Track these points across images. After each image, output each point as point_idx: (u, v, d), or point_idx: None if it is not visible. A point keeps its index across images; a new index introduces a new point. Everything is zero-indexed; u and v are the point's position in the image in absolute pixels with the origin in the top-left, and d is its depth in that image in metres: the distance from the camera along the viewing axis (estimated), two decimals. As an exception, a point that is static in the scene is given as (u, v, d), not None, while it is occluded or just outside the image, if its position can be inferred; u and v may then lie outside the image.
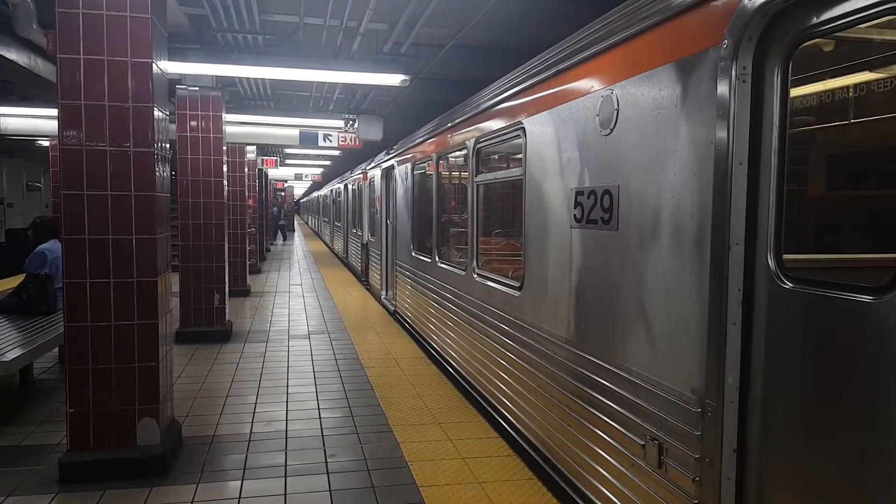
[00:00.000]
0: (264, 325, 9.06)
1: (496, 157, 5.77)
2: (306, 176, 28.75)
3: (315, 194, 42.47)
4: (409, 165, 8.87)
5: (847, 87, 2.27)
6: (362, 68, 6.76)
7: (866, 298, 1.92)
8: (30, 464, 4.16)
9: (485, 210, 5.88)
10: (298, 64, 6.64)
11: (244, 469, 4.12)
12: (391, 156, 10.32)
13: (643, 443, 2.90)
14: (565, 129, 3.77)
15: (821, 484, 2.10)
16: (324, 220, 29.46)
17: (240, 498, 3.73)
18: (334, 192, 22.22)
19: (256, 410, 5.28)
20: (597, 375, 3.36)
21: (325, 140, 12.20)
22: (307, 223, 55.50)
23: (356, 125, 10.32)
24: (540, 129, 4.15)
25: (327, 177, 30.67)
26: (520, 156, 4.50)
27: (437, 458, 4.30)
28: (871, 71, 2.15)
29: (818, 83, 2.34)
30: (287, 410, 5.28)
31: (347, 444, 4.55)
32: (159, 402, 4.02)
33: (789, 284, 2.22)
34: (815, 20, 2.12)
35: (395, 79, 6.80)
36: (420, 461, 4.25)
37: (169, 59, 4.38)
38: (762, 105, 2.33)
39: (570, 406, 3.66)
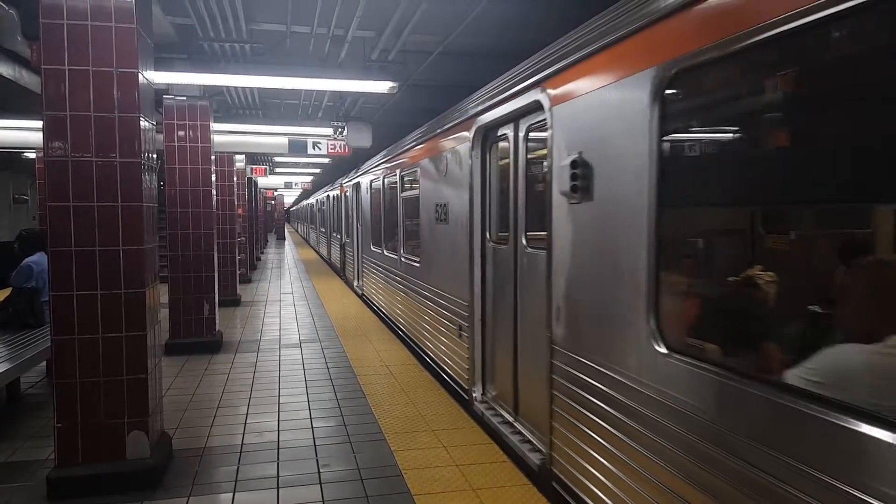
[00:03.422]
0: (255, 335, 9.01)
1: (411, 182, 8.18)
2: (296, 184, 28.68)
3: (304, 203, 45.10)
4: (369, 182, 11.50)
5: (510, 163, 4.78)
6: (350, 76, 6.76)
7: (511, 248, 4.71)
8: (17, 480, 4.11)
9: (406, 215, 8.53)
10: (286, 72, 6.62)
11: (236, 481, 4.08)
12: (359, 174, 12.95)
13: (457, 327, 5.88)
14: (432, 170, 6.74)
15: (493, 331, 5.22)
16: (311, 227, 33.49)
17: (232, 510, 3.69)
18: (319, 201, 26.28)
19: (248, 421, 5.24)
20: (441, 300, 6.46)
21: (314, 148, 12.18)
22: (297, 231, 55.41)
23: (345, 132, 10.32)
24: (425, 169, 7.08)
25: (317, 185, 30.65)
26: (416, 186, 7.57)
27: (431, 466, 4.28)
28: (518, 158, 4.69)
29: (503, 160, 5.00)
30: (279, 420, 5.24)
31: (340, 454, 4.52)
32: (149, 414, 3.98)
33: (492, 243, 5.20)
34: (496, 135, 5.06)
35: (383, 86, 6.80)
36: (414, 469, 4.23)
37: (155, 69, 4.35)
38: (484, 168, 5.33)
39: (433, 317, 6.87)
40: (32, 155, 12.90)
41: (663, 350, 2.72)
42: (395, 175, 8.85)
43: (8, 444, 4.75)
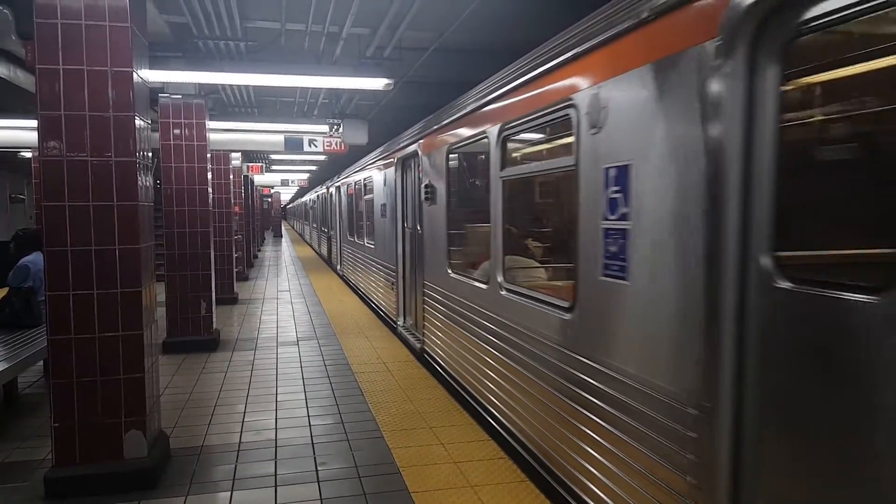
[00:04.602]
0: (252, 333, 9.01)
1: (368, 188, 11.25)
2: (292, 181, 28.59)
3: (300, 200, 46.95)
4: (345, 186, 14.95)
5: (413, 181, 7.88)
6: (345, 73, 6.75)
7: (414, 232, 7.86)
8: (15, 481, 4.11)
9: (367, 212, 11.60)
10: (281, 70, 6.60)
11: (234, 480, 4.09)
12: (340, 179, 16.19)
13: (391, 283, 9.06)
14: (379, 181, 9.76)
15: (408, 283, 8.41)
16: (305, 223, 37.53)
17: (230, 509, 3.70)
18: (311, 200, 30.75)
19: (245, 420, 5.25)
20: (384, 267, 9.57)
21: (310, 145, 12.17)
22: (294, 228, 55.36)
23: (341, 129, 10.29)
24: (376, 180, 10.16)
25: (313, 182, 30.65)
26: (372, 192, 10.64)
27: (428, 463, 4.29)
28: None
29: (411, 173, 7.99)
30: (276, 419, 5.25)
31: (338, 452, 4.53)
32: (146, 413, 3.98)
33: (408, 229, 8.21)
34: (408, 163, 8.10)
35: (378, 83, 6.79)
36: (412, 466, 4.24)
37: (150, 68, 4.34)
38: (403, 183, 8.36)
39: (379, 279, 10.07)
40: (28, 154, 12.87)
41: (450, 272, 5.92)
42: (361, 182, 12.16)
43: (5, 445, 4.75)
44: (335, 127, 10.41)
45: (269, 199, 44.05)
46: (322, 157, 17.36)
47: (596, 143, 3.09)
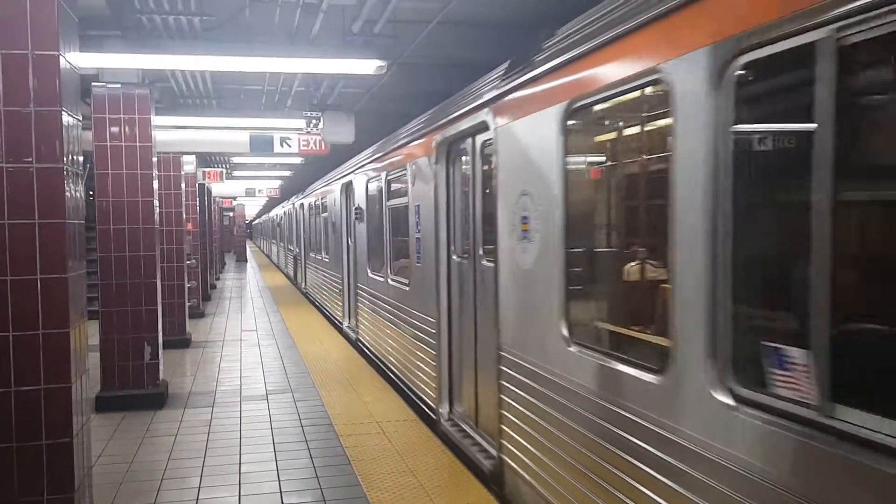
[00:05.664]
0: (209, 385, 9.01)
1: (324, 207, 16.76)
2: (260, 191, 28.76)
3: (265, 217, 52.16)
4: (306, 204, 20.72)
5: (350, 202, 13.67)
6: (326, 54, 6.81)
7: (354, 244, 13.19)
8: None
9: (322, 229, 17.24)
10: (246, 51, 6.66)
11: (186, 574, 4.05)
12: (304, 196, 21.60)
13: (339, 291, 14.61)
14: (329, 201, 15.89)
15: (352, 290, 13.39)
16: (273, 242, 43.14)
17: None
18: (277, 216, 37.62)
19: (200, 497, 5.23)
20: (335, 277, 15.18)
21: (282, 145, 12.25)
22: (261, 249, 55.64)
23: (321, 125, 10.36)
24: (329, 199, 15.93)
25: (287, 191, 30.83)
26: (326, 210, 16.62)
27: (436, 552, 4.24)
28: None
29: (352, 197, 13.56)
30: (240, 495, 5.23)
31: (320, 537, 4.49)
32: (74, 490, 3.95)
33: (350, 242, 13.42)
34: (349, 188, 13.42)
35: (368, 65, 6.84)
36: (414, 556, 4.20)
37: (81, 50, 4.39)
38: (347, 203, 13.68)
39: (332, 289, 15.80)
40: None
41: (369, 272, 11.08)
42: (319, 201, 17.37)
43: None
44: (313, 122, 10.48)
45: (231, 214, 44.33)
46: (297, 161, 17.47)
47: (413, 191, 8.00)
